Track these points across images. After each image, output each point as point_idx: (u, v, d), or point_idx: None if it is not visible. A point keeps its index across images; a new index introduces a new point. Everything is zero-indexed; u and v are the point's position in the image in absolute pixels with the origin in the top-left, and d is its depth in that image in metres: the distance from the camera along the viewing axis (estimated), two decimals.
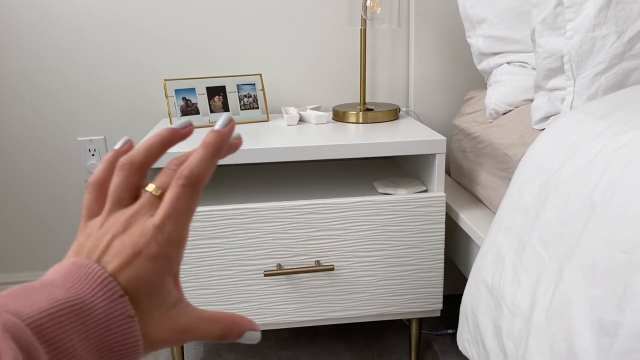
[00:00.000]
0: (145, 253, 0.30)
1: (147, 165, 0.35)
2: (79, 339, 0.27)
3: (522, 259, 0.72)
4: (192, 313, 0.33)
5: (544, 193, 0.73)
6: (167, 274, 0.31)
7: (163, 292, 0.31)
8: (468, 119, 1.26)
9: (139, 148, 0.35)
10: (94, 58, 1.38)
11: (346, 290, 1.12)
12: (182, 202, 0.31)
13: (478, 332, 0.79)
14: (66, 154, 1.44)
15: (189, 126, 0.36)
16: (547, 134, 0.81)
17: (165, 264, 0.31)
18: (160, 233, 0.30)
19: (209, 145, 0.33)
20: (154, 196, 0.33)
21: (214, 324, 0.33)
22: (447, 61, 1.44)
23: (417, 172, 1.24)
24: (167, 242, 0.31)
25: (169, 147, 0.36)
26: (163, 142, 0.35)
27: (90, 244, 0.31)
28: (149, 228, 0.31)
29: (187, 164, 0.32)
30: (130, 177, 0.34)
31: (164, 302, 0.31)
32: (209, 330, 0.33)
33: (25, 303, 0.27)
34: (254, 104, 1.31)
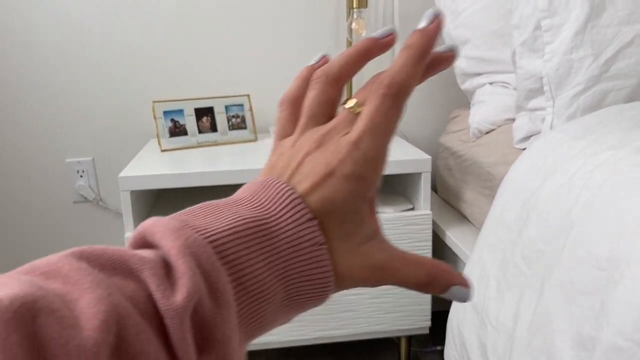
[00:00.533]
0: (339, 172, 0.27)
1: (344, 79, 0.31)
2: (264, 262, 0.25)
3: (505, 275, 0.73)
4: (390, 250, 0.28)
5: (525, 211, 0.75)
6: (362, 199, 0.27)
7: (357, 219, 0.27)
8: (453, 138, 1.29)
9: (334, 60, 0.31)
10: (82, 79, 1.40)
11: (336, 309, 1.13)
12: (381, 115, 0.27)
13: (464, 349, 0.80)
14: (55, 175, 1.44)
15: (390, 35, 0.31)
16: (527, 154, 0.83)
17: (361, 186, 0.27)
18: (357, 150, 0.27)
19: (412, 47, 0.28)
20: (352, 113, 0.29)
21: (417, 267, 0.28)
22: (432, 81, 1.47)
23: (404, 190, 1.26)
24: (363, 160, 0.27)
25: (368, 59, 0.32)
26: (361, 52, 0.31)
27: (282, 163, 0.29)
28: (344, 144, 0.27)
29: (388, 72, 0.28)
30: (326, 90, 0.30)
31: (358, 233, 0.28)
32: (411, 273, 0.28)
33: (209, 220, 0.25)
34: (242, 124, 1.32)
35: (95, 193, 1.46)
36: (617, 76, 0.89)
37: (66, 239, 1.49)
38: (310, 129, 0.30)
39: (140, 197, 1.14)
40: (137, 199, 1.11)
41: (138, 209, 1.11)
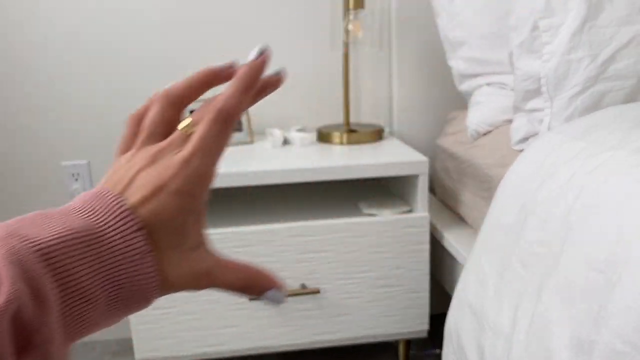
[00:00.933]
0: (169, 187, 0.29)
1: (185, 101, 0.34)
2: (88, 270, 0.27)
3: (503, 279, 0.73)
4: (214, 258, 0.31)
5: (523, 214, 0.74)
6: (190, 212, 0.30)
7: (185, 231, 0.30)
8: (451, 139, 1.28)
9: (178, 82, 0.34)
10: (77, 82, 1.39)
11: (333, 313, 1.12)
12: (211, 137, 0.30)
13: (462, 352, 0.79)
14: (50, 179, 1.43)
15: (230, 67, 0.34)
16: (525, 155, 0.83)
17: (189, 201, 0.30)
18: (187, 167, 0.29)
19: (241, 78, 0.32)
20: (185, 133, 0.32)
21: (236, 273, 0.32)
22: (430, 82, 1.46)
23: (402, 192, 1.25)
24: (192, 178, 0.30)
25: (210, 86, 0.35)
26: (202, 80, 0.34)
27: (117, 177, 0.31)
28: (175, 162, 0.30)
29: (219, 98, 0.31)
30: (165, 110, 0.33)
31: (185, 242, 0.30)
32: (230, 279, 0.32)
33: (39, 229, 0.27)
34: (237, 126, 1.31)
35: None
36: (615, 77, 0.88)
37: None
38: (146, 147, 0.32)
39: None
40: None
41: None
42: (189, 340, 1.10)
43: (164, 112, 0.33)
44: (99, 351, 1.48)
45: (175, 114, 0.33)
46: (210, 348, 1.11)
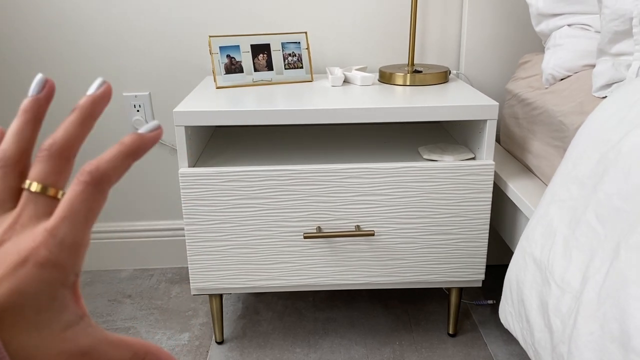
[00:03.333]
0: (32, 260, 0.25)
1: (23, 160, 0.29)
2: None
3: (575, 233, 0.68)
4: (96, 334, 0.27)
5: (602, 166, 0.68)
6: (60, 286, 0.26)
7: (55, 307, 0.26)
8: (522, 84, 1.20)
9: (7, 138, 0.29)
10: (139, 13, 1.38)
11: (386, 256, 1.11)
12: (82, 202, 0.27)
13: (522, 306, 0.76)
14: (112, 109, 1.45)
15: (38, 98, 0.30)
16: (608, 103, 0.76)
17: (57, 274, 0.26)
18: (53, 237, 0.26)
19: (125, 145, 0.29)
20: (34, 193, 0.27)
21: (122, 350, 0.28)
22: (503, 21, 1.37)
23: (465, 138, 1.19)
24: (60, 248, 0.26)
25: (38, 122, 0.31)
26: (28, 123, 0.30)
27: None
28: (39, 232, 0.26)
29: (95, 160, 0.28)
30: (7, 176, 0.28)
31: (58, 320, 0.26)
32: (117, 356, 0.28)
33: None
34: (298, 63, 1.28)
35: None
36: None
37: None
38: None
39: (195, 133, 1.13)
40: (192, 134, 1.10)
41: (192, 145, 1.10)
42: (242, 273, 1.12)
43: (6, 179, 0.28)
44: (156, 278, 1.54)
45: (19, 177, 0.28)
46: (261, 282, 1.13)
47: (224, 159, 1.16)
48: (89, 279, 1.55)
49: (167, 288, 1.49)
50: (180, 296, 1.45)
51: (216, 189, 1.05)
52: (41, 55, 1.40)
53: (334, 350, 1.23)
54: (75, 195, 0.27)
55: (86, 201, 0.27)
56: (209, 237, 1.09)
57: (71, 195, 0.27)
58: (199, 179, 1.04)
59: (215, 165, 1.12)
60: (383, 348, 1.23)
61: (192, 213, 1.07)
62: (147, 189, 1.54)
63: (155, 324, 1.33)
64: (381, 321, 1.33)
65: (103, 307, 1.41)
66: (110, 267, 1.59)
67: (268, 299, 1.43)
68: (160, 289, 1.49)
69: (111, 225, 1.56)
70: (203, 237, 1.09)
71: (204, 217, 1.07)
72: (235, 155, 1.20)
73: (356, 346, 1.24)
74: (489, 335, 1.27)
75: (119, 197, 1.54)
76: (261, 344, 1.25)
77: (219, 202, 1.06)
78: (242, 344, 1.25)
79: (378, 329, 1.30)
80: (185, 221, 1.07)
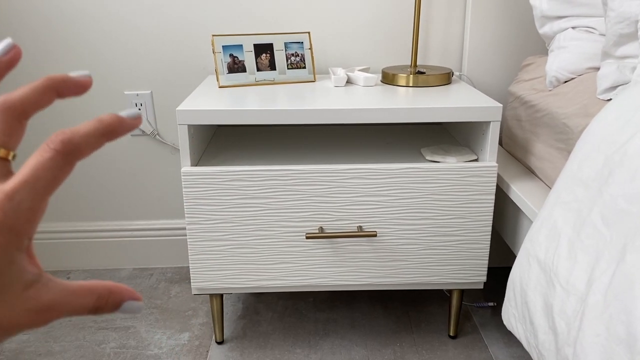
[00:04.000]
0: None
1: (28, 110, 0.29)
2: None
3: (580, 235, 0.68)
4: (57, 287, 0.28)
5: (607, 168, 0.68)
6: (16, 250, 0.26)
7: (13, 270, 0.26)
8: (525, 86, 1.20)
9: (20, 89, 0.30)
10: (141, 13, 1.37)
11: (388, 257, 1.11)
12: (47, 169, 0.26)
13: (526, 308, 0.76)
14: (113, 108, 1.45)
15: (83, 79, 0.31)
16: (613, 105, 0.76)
17: (13, 239, 0.26)
18: (10, 200, 0.25)
19: (104, 122, 0.29)
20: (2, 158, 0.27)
21: (86, 296, 0.29)
22: (506, 23, 1.37)
23: (468, 140, 1.19)
24: (16, 213, 0.26)
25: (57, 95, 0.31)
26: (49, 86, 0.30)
27: None
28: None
29: (69, 130, 0.28)
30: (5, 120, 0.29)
31: (18, 282, 0.27)
32: (80, 303, 0.28)
33: None
34: (301, 63, 1.28)
35: (153, 127, 1.46)
36: None
37: (122, 172, 1.51)
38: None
39: (197, 132, 1.12)
40: (194, 133, 1.10)
41: (195, 144, 1.10)
42: (243, 273, 1.11)
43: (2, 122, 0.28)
44: (155, 278, 1.54)
45: (16, 125, 0.28)
46: (263, 282, 1.12)
47: (226, 159, 1.16)
48: (88, 278, 1.54)
49: (167, 287, 1.49)
50: (180, 296, 1.45)
51: (218, 188, 1.05)
52: (42, 53, 1.40)
53: (334, 351, 1.22)
54: (42, 161, 0.26)
55: (52, 169, 0.26)
56: (210, 237, 1.08)
57: (37, 161, 0.26)
58: (201, 178, 1.04)
59: (217, 164, 1.11)
60: (384, 349, 1.23)
61: (194, 212, 1.06)
62: (147, 188, 1.53)
63: (155, 324, 1.33)
64: (382, 322, 1.33)
65: None
66: (109, 266, 1.59)
67: (268, 299, 1.42)
68: (160, 288, 1.48)
69: (110, 224, 1.56)
70: (205, 236, 1.08)
71: (206, 217, 1.07)
72: (237, 154, 1.19)
73: (357, 347, 1.24)
74: (490, 337, 1.27)
75: (118, 196, 1.54)
76: (261, 344, 1.25)
77: (221, 202, 1.06)
78: (243, 344, 1.25)
79: (379, 330, 1.30)
80: (187, 220, 1.07)
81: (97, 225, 1.56)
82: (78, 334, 1.29)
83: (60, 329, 1.31)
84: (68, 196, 1.53)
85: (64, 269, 1.58)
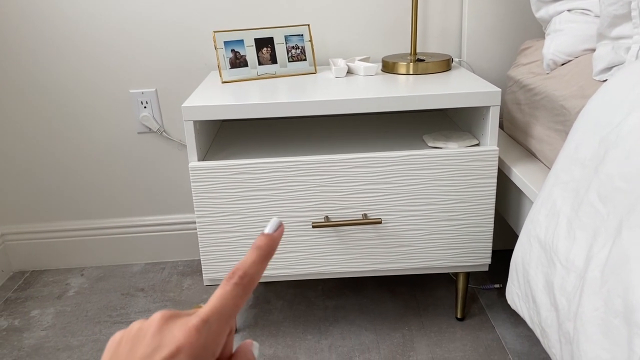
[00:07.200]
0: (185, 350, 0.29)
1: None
2: None
3: (578, 214, 0.70)
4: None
5: (603, 147, 0.70)
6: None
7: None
8: (523, 70, 1.22)
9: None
10: (143, 11, 1.39)
11: (393, 243, 1.13)
12: (231, 298, 0.32)
13: (528, 287, 0.78)
14: (119, 106, 1.48)
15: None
16: (609, 86, 0.77)
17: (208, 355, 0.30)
18: (205, 324, 0.30)
19: (261, 248, 0.34)
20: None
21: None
22: (503, 8, 1.38)
23: (469, 125, 1.21)
24: (209, 334, 0.30)
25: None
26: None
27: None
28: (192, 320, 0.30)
29: (241, 265, 0.33)
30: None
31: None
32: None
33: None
34: (301, 56, 1.29)
35: (159, 124, 1.49)
36: None
37: (131, 169, 1.54)
38: None
39: (203, 128, 1.15)
40: (200, 129, 1.12)
41: (201, 139, 1.12)
42: None
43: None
44: (167, 271, 1.57)
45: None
46: (272, 271, 1.15)
47: (232, 152, 1.18)
48: (101, 274, 1.57)
49: (179, 280, 1.52)
50: (192, 288, 1.48)
51: (225, 181, 1.07)
52: (46, 52, 1.42)
53: (344, 336, 1.25)
54: (227, 292, 0.32)
55: (235, 298, 0.32)
56: (220, 229, 1.11)
57: (223, 292, 0.32)
58: (208, 172, 1.07)
59: (223, 158, 1.14)
60: (393, 333, 1.26)
61: (203, 206, 1.09)
62: (156, 184, 1.56)
63: None
64: (390, 307, 1.35)
65: (117, 300, 1.44)
66: (122, 262, 1.62)
67: (278, 288, 1.45)
68: (172, 281, 1.52)
69: (122, 221, 1.59)
70: (214, 229, 1.11)
71: (215, 210, 1.09)
72: (243, 148, 1.22)
73: (366, 332, 1.27)
74: (497, 318, 1.30)
75: (128, 193, 1.57)
76: (273, 332, 1.28)
77: (229, 195, 1.08)
78: (255, 333, 1.28)
79: (387, 315, 1.32)
80: (197, 214, 1.10)
81: (108, 222, 1.59)
82: (94, 328, 1.33)
83: (77, 324, 1.35)
84: (80, 195, 1.56)
85: (77, 266, 1.62)
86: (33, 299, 1.48)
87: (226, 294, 0.32)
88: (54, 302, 1.45)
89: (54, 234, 1.59)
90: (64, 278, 1.57)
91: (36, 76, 1.44)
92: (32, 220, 1.59)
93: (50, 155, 1.52)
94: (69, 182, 1.55)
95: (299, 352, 1.21)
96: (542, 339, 0.75)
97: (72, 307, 1.43)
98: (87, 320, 1.36)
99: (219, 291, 0.32)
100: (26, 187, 1.55)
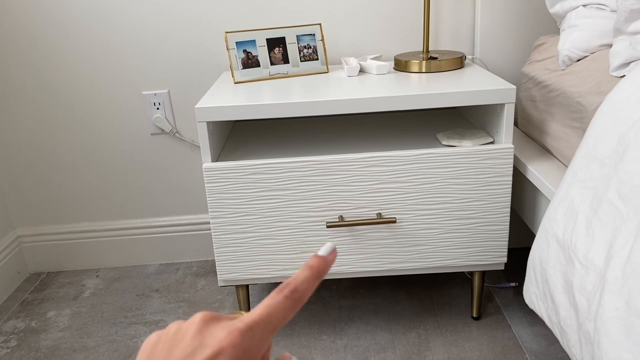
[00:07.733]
0: (227, 353, 0.29)
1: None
2: None
3: (597, 212, 0.69)
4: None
5: (623, 144, 0.69)
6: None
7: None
8: (538, 67, 1.20)
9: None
10: (156, 13, 1.40)
11: (408, 243, 1.13)
12: (280, 310, 0.32)
13: (547, 286, 0.77)
14: (132, 108, 1.48)
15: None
16: (626, 82, 0.76)
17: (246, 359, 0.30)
18: (249, 330, 0.30)
19: (314, 268, 0.34)
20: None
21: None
22: (517, 4, 1.36)
23: (483, 123, 1.20)
24: (251, 341, 0.30)
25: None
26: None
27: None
28: (235, 324, 0.30)
29: (293, 280, 0.33)
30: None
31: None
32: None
33: None
34: (313, 55, 1.29)
35: (171, 125, 1.49)
36: None
37: (144, 170, 1.55)
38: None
39: (216, 128, 1.15)
40: (214, 130, 1.12)
41: (214, 140, 1.12)
42: (267, 263, 1.14)
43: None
44: (182, 272, 1.57)
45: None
46: (287, 271, 1.15)
47: (245, 153, 1.19)
48: (116, 275, 1.58)
49: (194, 281, 1.52)
50: (206, 288, 1.48)
51: (239, 182, 1.07)
52: (60, 54, 1.43)
53: (359, 336, 1.25)
54: (277, 303, 0.32)
55: (283, 310, 0.32)
56: (234, 230, 1.11)
57: (272, 302, 0.32)
58: (222, 173, 1.07)
59: (237, 159, 1.14)
60: (408, 333, 1.25)
61: (217, 206, 1.09)
62: (170, 186, 1.57)
63: (183, 317, 1.36)
64: (405, 307, 1.35)
65: (132, 301, 1.44)
66: (136, 263, 1.63)
67: None
68: (186, 282, 1.52)
69: (136, 222, 1.60)
70: (228, 229, 1.11)
71: (229, 210, 1.09)
72: (256, 148, 1.22)
73: (381, 332, 1.26)
74: (513, 317, 1.29)
75: (142, 194, 1.57)
76: (288, 332, 1.28)
77: (243, 195, 1.08)
78: None
79: (402, 314, 1.32)
80: (211, 214, 1.10)
81: (123, 223, 1.60)
82: (110, 329, 1.34)
83: (93, 325, 1.36)
84: (95, 197, 1.57)
85: (93, 267, 1.63)
86: (49, 300, 1.49)
87: (276, 305, 0.32)
88: (69, 303, 1.46)
89: (70, 235, 1.60)
90: (79, 279, 1.58)
91: (49, 81, 1.45)
92: (47, 222, 1.60)
93: (64, 158, 1.53)
94: (83, 185, 1.56)
95: (314, 352, 1.21)
96: (562, 339, 0.74)
97: (88, 308, 1.44)
98: (102, 321, 1.37)
99: (268, 301, 0.32)
100: (41, 190, 1.57)
